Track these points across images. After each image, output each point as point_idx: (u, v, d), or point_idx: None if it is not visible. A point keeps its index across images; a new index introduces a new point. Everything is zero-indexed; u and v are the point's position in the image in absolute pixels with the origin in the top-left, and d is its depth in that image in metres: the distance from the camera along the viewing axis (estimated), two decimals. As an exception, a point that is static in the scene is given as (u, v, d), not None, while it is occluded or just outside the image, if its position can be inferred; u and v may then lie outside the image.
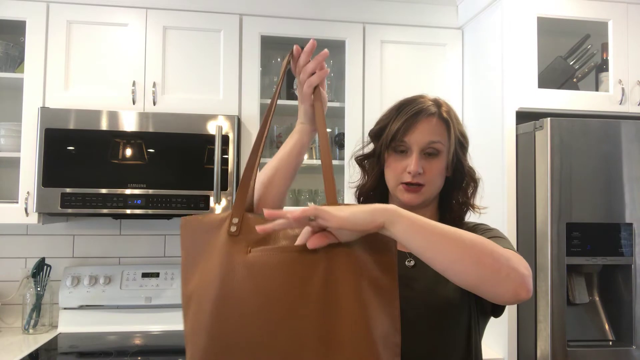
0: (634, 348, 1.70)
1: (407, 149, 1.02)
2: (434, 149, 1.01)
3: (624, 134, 1.74)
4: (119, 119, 1.92)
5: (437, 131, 1.02)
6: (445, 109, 1.05)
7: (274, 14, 2.12)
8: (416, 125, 1.01)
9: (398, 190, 1.03)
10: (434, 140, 1.01)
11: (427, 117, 1.02)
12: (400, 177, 1.02)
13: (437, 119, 1.03)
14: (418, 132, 1.01)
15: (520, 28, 1.86)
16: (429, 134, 1.01)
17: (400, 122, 1.02)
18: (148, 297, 2.15)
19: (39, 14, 1.96)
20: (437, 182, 1.03)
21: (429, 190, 1.02)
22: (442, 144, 1.02)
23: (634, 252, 1.72)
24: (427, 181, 1.01)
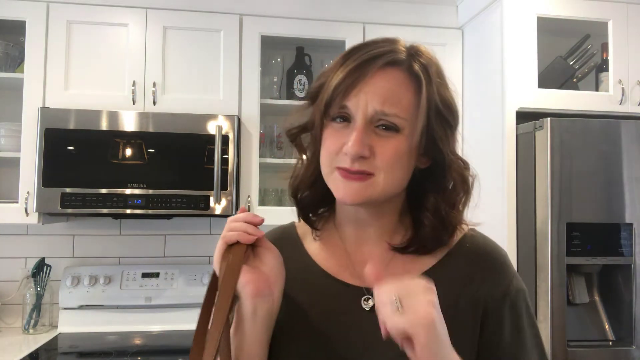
0: (634, 348, 1.69)
1: (351, 116, 0.67)
2: (388, 122, 0.66)
3: (624, 134, 1.74)
4: (119, 119, 1.92)
5: (397, 91, 0.66)
6: (425, 60, 0.69)
7: (274, 14, 2.12)
8: (365, 80, 0.66)
9: (332, 179, 0.69)
10: (385, 111, 0.65)
11: (382, 67, 0.66)
12: (335, 159, 0.68)
13: (403, 71, 0.67)
14: (364, 93, 0.66)
15: (520, 28, 1.86)
16: (382, 96, 0.65)
17: (343, 74, 0.66)
18: (148, 297, 2.15)
19: (39, 14, 1.96)
20: (395, 173, 0.67)
21: (382, 184, 0.67)
22: (403, 116, 0.66)
23: (634, 252, 1.72)
24: (378, 169, 0.66)
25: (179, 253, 2.32)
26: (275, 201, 2.24)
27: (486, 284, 0.71)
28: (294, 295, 0.73)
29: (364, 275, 0.65)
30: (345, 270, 0.74)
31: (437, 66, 0.70)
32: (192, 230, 2.33)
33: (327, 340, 0.69)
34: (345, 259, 0.75)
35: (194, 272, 2.22)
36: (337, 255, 0.76)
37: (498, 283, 0.71)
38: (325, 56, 2.29)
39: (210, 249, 2.34)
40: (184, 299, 2.17)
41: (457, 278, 0.71)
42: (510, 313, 0.71)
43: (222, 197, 1.93)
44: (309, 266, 0.76)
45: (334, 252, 0.76)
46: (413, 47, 0.71)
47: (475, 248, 0.74)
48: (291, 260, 0.74)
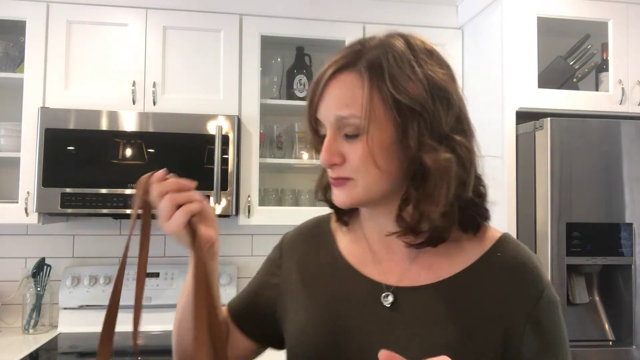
0: (634, 348, 1.69)
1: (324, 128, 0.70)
2: (352, 126, 0.66)
3: (624, 134, 1.74)
4: (119, 119, 1.92)
5: (349, 96, 0.66)
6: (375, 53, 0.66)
7: (274, 14, 2.12)
8: (323, 93, 0.68)
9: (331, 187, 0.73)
10: (342, 115, 0.66)
11: (334, 75, 0.68)
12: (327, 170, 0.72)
13: (352, 73, 0.66)
14: (323, 104, 0.68)
15: (520, 28, 1.86)
16: (336, 104, 0.67)
17: (309, 92, 0.70)
18: (148, 297, 2.15)
19: (39, 14, 1.96)
20: (370, 173, 0.66)
21: (360, 185, 0.68)
22: (359, 118, 0.65)
23: (634, 252, 1.72)
24: (354, 172, 0.67)
25: (179, 253, 2.32)
26: (275, 201, 2.24)
27: (515, 297, 0.69)
28: (318, 285, 0.77)
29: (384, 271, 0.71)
30: (369, 265, 0.75)
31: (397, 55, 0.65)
32: (192, 230, 2.33)
33: (346, 330, 0.70)
34: (370, 254, 0.76)
35: (194, 272, 2.21)
36: (363, 251, 0.77)
37: (527, 296, 0.69)
38: (325, 56, 2.26)
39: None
40: (184, 299, 2.16)
41: (484, 287, 0.70)
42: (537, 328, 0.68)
43: (222, 197, 1.93)
44: (336, 258, 0.79)
45: (360, 247, 0.78)
46: (368, 43, 0.69)
47: (506, 257, 0.71)
48: (321, 251, 0.80)
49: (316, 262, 0.80)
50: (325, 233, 0.84)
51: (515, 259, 0.71)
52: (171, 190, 0.71)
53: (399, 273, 0.73)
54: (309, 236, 0.85)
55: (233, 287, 2.20)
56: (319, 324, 0.74)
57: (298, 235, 0.87)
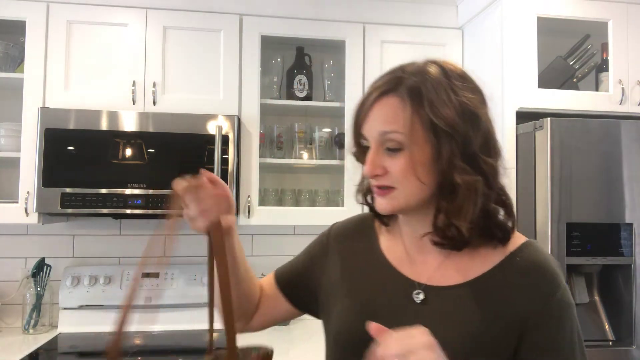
0: (634, 348, 1.70)
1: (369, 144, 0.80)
2: (394, 142, 0.75)
3: (624, 134, 1.74)
4: (119, 119, 1.92)
5: (392, 116, 0.75)
6: (416, 80, 0.75)
7: (274, 14, 2.12)
8: (369, 112, 0.78)
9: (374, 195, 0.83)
10: (386, 130, 0.75)
11: (377, 98, 0.77)
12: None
13: (395, 97, 0.76)
14: (369, 122, 0.78)
15: (520, 28, 1.86)
16: (380, 122, 0.76)
17: (356, 109, 0.81)
18: (148, 297, 2.15)
19: (39, 14, 1.96)
20: (409, 185, 0.75)
21: (402, 194, 0.76)
22: (401, 133, 0.74)
23: (634, 252, 1.72)
24: (395, 182, 0.76)
25: (179, 253, 2.32)
26: (275, 201, 2.24)
27: (530, 295, 0.76)
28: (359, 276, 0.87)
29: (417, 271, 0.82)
30: (405, 264, 0.85)
31: (434, 83, 0.75)
32: (192, 230, 2.32)
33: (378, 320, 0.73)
34: (406, 254, 0.86)
35: (194, 272, 2.22)
36: (400, 250, 0.87)
37: (541, 295, 0.76)
38: (325, 56, 2.29)
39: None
40: (184, 299, 2.17)
41: (503, 289, 0.77)
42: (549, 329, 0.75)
43: (222, 197, 1.93)
44: (376, 255, 0.88)
45: (397, 246, 0.87)
46: (409, 66, 0.78)
47: (525, 261, 0.78)
48: (362, 247, 0.91)
49: (358, 254, 0.90)
50: (369, 230, 0.93)
51: (533, 263, 0.78)
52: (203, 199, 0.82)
53: (429, 273, 0.81)
54: (355, 230, 0.95)
55: (233, 287, 2.20)
56: (359, 311, 0.81)
57: (345, 227, 0.97)
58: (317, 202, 2.26)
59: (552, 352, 0.74)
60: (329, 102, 2.25)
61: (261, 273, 2.28)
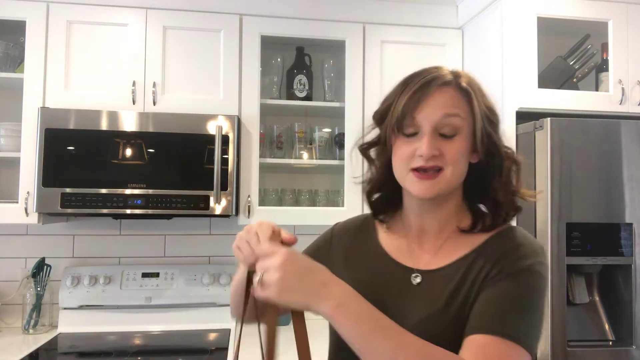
0: (634, 348, 1.69)
1: (418, 130, 0.84)
2: (451, 127, 0.82)
3: (624, 134, 1.74)
4: (119, 119, 1.92)
5: (454, 103, 0.83)
6: (466, 79, 0.87)
7: (274, 14, 2.12)
8: (427, 97, 0.83)
9: (408, 180, 0.85)
10: (449, 113, 0.82)
11: (439, 86, 0.83)
12: (409, 163, 0.84)
13: (453, 88, 0.84)
14: (429, 106, 0.82)
15: (520, 28, 1.86)
16: (443, 106, 0.83)
17: (407, 96, 0.83)
18: (148, 297, 2.15)
19: (39, 14, 1.96)
20: (459, 167, 0.84)
21: (449, 177, 0.83)
22: (462, 118, 0.83)
23: (634, 252, 1.72)
24: (447, 164, 0.82)
25: (179, 253, 2.32)
26: (275, 201, 2.24)
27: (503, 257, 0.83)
28: (354, 268, 0.94)
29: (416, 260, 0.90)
30: (404, 254, 0.92)
31: (478, 83, 0.89)
32: (192, 230, 2.33)
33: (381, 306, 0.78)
34: (405, 244, 0.93)
35: (194, 272, 2.22)
36: (399, 242, 0.94)
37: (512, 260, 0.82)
38: (326, 56, 2.29)
39: (210, 249, 2.34)
40: (184, 299, 2.17)
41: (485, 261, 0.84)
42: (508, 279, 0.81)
43: (222, 197, 1.93)
44: (376, 250, 0.95)
45: (397, 238, 0.95)
46: (455, 70, 0.88)
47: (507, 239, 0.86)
48: (364, 244, 0.97)
49: (360, 249, 0.97)
50: (370, 228, 1.00)
51: (512, 240, 0.86)
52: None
53: (427, 260, 0.90)
54: (356, 228, 1.02)
55: (233, 287, 2.20)
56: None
57: (347, 225, 1.04)
58: (317, 202, 2.26)
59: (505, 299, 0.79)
60: (329, 102, 2.24)
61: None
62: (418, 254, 0.91)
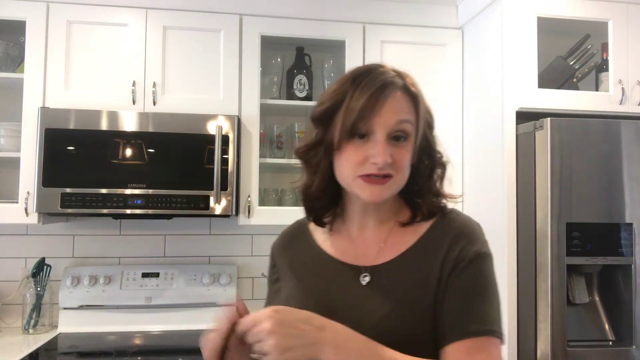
0: (634, 348, 1.69)
1: (369, 133, 0.81)
2: (402, 132, 0.82)
3: (624, 134, 1.74)
4: (119, 119, 1.92)
5: (405, 108, 0.83)
6: (410, 81, 0.86)
7: (274, 14, 2.11)
8: (383, 102, 0.81)
9: (356, 186, 0.83)
10: (403, 120, 0.82)
11: (393, 91, 0.82)
12: (359, 169, 0.82)
13: (402, 93, 0.83)
14: (385, 112, 0.81)
15: (520, 28, 1.86)
16: (397, 112, 0.82)
17: (364, 98, 0.80)
18: (148, 297, 2.15)
19: (39, 14, 1.96)
20: (407, 172, 0.85)
21: (398, 182, 0.84)
22: (412, 125, 0.83)
23: (634, 252, 1.72)
24: (397, 170, 0.82)
25: (179, 253, 2.32)
26: (275, 201, 2.24)
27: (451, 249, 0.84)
28: (303, 277, 0.92)
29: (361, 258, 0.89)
30: (348, 254, 0.91)
31: (418, 85, 0.88)
32: (192, 230, 2.33)
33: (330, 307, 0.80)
34: (349, 244, 0.92)
35: (194, 272, 2.22)
36: (343, 242, 0.93)
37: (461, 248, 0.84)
38: (325, 56, 2.29)
39: (210, 249, 2.34)
40: (184, 299, 2.17)
41: (434, 247, 0.86)
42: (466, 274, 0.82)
43: (222, 197, 1.93)
44: (317, 253, 0.94)
45: (340, 240, 0.93)
46: (398, 70, 0.87)
47: (449, 223, 0.88)
48: (303, 250, 0.96)
49: (302, 256, 0.95)
50: (304, 234, 0.98)
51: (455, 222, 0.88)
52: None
53: (373, 256, 0.89)
54: (292, 237, 1.00)
55: (233, 286, 2.20)
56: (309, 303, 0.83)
57: (283, 240, 1.02)
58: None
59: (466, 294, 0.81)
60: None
61: (261, 273, 2.28)
62: (363, 252, 0.90)
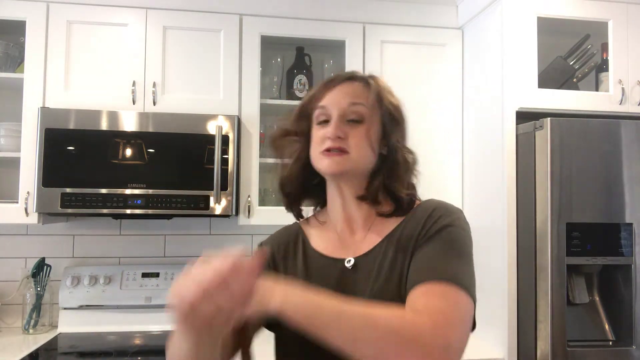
0: (634, 348, 1.70)
1: (328, 117, 0.93)
2: (356, 114, 0.91)
3: (624, 134, 1.74)
4: (119, 119, 1.92)
5: (359, 93, 0.93)
6: (374, 77, 0.97)
7: (274, 14, 2.12)
8: (332, 88, 0.94)
9: (318, 160, 0.93)
10: (355, 102, 0.92)
11: (345, 80, 0.95)
12: (320, 146, 0.92)
13: (359, 82, 0.95)
14: (336, 94, 0.93)
15: (520, 28, 1.86)
16: (349, 96, 0.93)
17: (317, 88, 0.96)
18: (148, 297, 2.15)
19: (39, 14, 1.96)
20: (363, 151, 0.91)
21: (354, 158, 0.90)
22: (367, 108, 0.92)
23: (634, 252, 1.72)
24: (351, 148, 0.90)
25: (179, 253, 2.32)
26: (275, 201, 2.24)
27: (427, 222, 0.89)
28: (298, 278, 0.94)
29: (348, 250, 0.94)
30: (336, 248, 0.96)
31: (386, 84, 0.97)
32: (192, 230, 2.33)
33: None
34: (336, 239, 0.97)
35: (194, 272, 2.21)
36: (331, 239, 0.98)
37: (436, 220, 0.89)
38: (325, 56, 2.29)
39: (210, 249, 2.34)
40: (184, 299, 2.16)
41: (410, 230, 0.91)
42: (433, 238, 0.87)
43: (222, 197, 1.93)
44: (310, 253, 0.98)
45: (328, 237, 0.99)
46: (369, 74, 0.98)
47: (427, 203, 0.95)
48: (297, 252, 0.99)
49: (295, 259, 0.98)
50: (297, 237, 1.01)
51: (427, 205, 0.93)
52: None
53: (357, 247, 0.94)
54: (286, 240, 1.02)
55: (233, 287, 2.20)
56: None
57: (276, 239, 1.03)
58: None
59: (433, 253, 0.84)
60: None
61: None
62: (349, 244, 0.95)
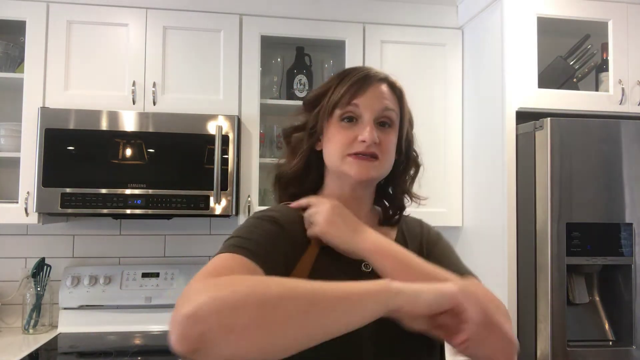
0: (634, 348, 1.69)
1: (358, 117, 0.87)
2: (388, 119, 0.88)
3: (624, 134, 1.74)
4: (119, 119, 1.92)
5: (390, 98, 0.89)
6: (394, 80, 0.94)
7: (274, 14, 2.12)
8: (367, 88, 0.87)
9: (345, 164, 0.86)
10: (389, 107, 0.88)
11: (378, 81, 0.89)
12: (348, 148, 0.86)
13: (387, 86, 0.91)
14: (371, 96, 0.87)
15: (520, 28, 1.86)
16: (383, 99, 0.88)
17: (347, 85, 0.87)
18: (148, 297, 2.15)
19: (39, 14, 1.96)
20: (391, 158, 0.89)
21: (384, 165, 0.88)
22: (396, 114, 0.89)
23: (634, 252, 1.72)
24: (383, 153, 0.86)
25: (179, 253, 2.32)
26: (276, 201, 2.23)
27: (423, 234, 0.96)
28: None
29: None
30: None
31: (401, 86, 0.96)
32: (192, 230, 2.33)
33: None
34: None
35: (194, 272, 2.20)
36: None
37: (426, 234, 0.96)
38: (325, 56, 2.29)
39: (210, 249, 2.34)
40: (184, 299, 2.16)
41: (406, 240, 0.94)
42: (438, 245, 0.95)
43: (222, 197, 1.93)
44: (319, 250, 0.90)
45: None
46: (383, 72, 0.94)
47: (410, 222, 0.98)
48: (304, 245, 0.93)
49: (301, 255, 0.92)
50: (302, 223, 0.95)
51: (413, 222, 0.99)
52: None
53: None
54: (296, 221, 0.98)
55: (233, 287, 2.20)
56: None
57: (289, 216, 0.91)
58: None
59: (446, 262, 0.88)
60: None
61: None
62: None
